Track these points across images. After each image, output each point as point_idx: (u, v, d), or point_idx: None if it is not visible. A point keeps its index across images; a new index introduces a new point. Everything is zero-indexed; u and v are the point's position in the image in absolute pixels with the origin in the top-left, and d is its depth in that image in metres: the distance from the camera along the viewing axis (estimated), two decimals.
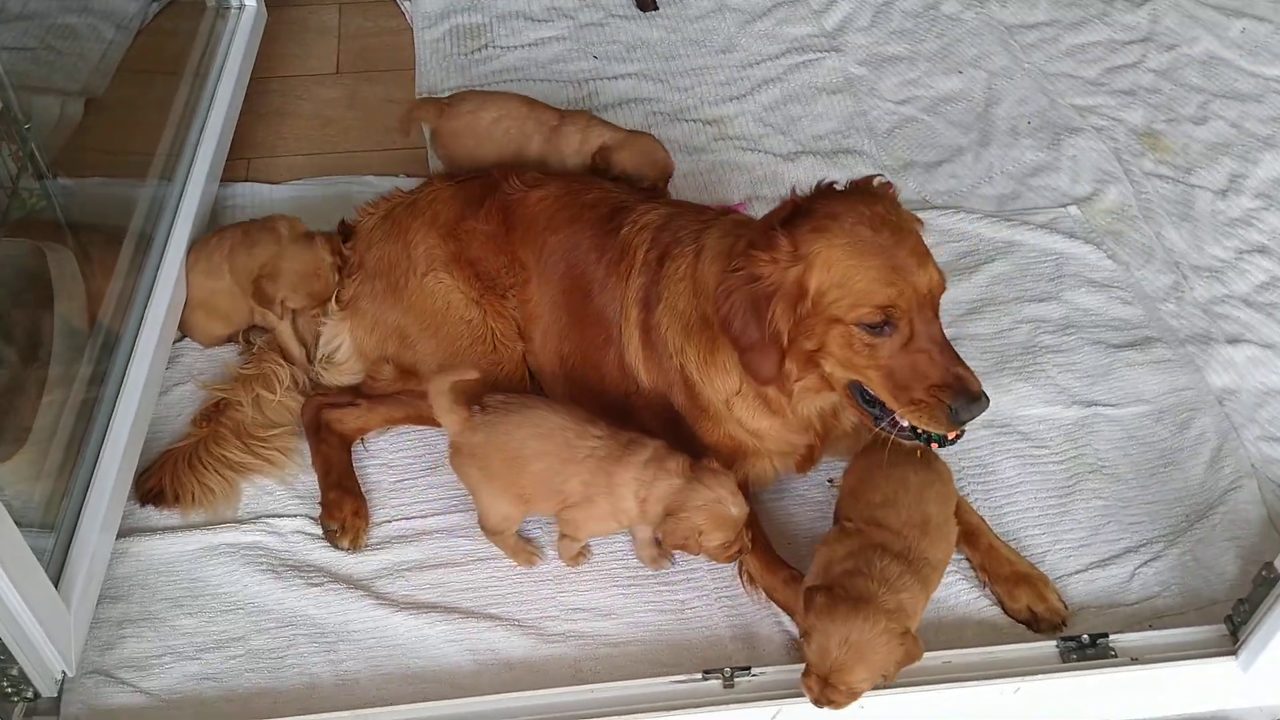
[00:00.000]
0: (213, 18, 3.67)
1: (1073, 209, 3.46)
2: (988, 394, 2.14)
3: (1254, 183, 3.59)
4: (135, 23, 3.64)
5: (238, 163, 3.55)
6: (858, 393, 2.24)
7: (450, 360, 2.63)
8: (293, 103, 3.87)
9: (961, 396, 2.10)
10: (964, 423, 2.13)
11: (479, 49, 4.07)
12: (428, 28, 4.17)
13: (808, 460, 2.54)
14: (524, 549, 2.50)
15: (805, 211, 2.20)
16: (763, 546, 2.45)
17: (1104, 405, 2.88)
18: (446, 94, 3.76)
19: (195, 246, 2.90)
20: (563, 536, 2.45)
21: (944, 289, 2.18)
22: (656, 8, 4.31)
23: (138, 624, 2.38)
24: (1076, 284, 3.21)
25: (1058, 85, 3.97)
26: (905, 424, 2.19)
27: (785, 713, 2.10)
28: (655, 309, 2.47)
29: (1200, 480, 2.72)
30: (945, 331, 2.20)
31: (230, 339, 2.91)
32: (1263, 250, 3.36)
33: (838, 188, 2.29)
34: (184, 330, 2.89)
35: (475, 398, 2.45)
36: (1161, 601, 2.47)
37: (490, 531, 2.46)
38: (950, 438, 2.20)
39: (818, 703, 2.04)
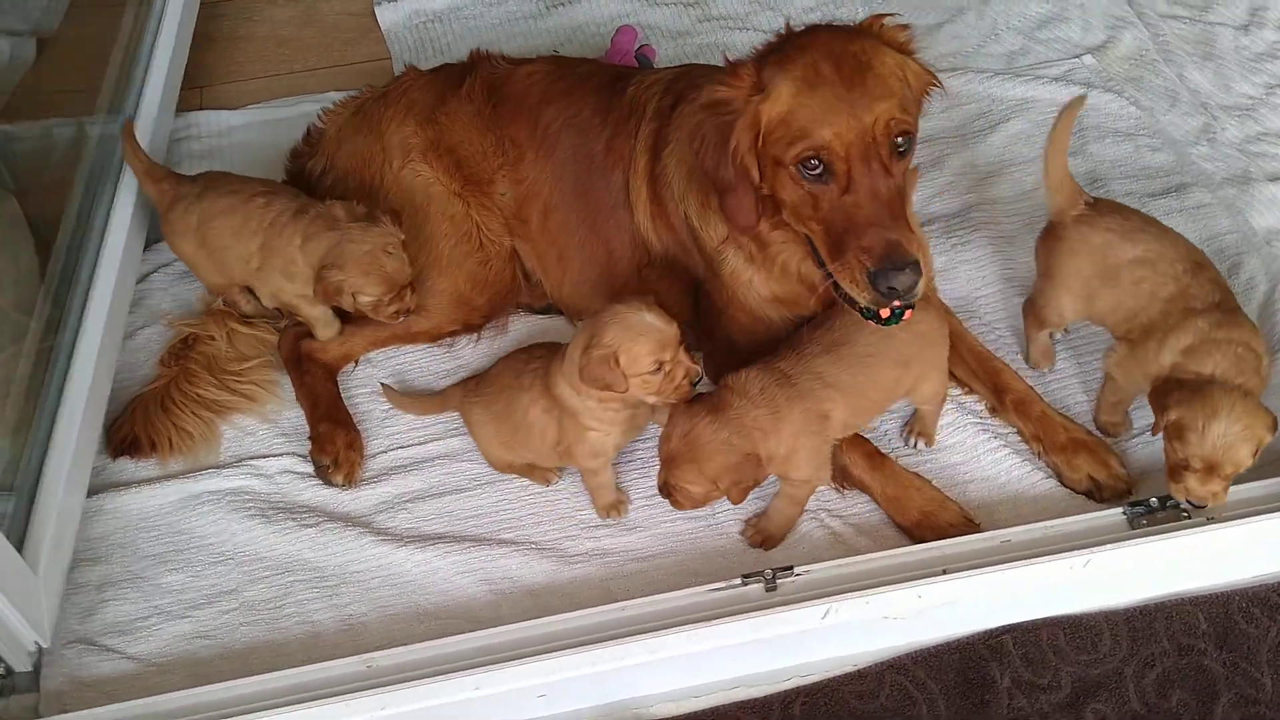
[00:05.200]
0: None
1: (1087, 59, 3.21)
2: (919, 264, 1.88)
3: (1277, 14, 3.33)
4: None
5: (190, 93, 3.29)
6: (815, 249, 2.04)
7: (436, 265, 2.41)
8: (244, 25, 3.60)
9: (883, 260, 1.86)
10: (885, 292, 1.88)
11: None
12: None
13: None
14: (535, 469, 2.31)
15: (785, 43, 2.01)
16: None
17: None
18: (410, 1, 3.51)
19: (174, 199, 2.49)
20: (586, 484, 2.27)
21: (901, 132, 1.93)
22: None
23: (120, 585, 2.19)
24: (1100, 135, 2.98)
25: None
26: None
27: (837, 609, 1.91)
28: (663, 153, 2.26)
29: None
30: (962, 197, 1.97)
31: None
32: None
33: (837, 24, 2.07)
34: None
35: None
36: None
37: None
38: (883, 315, 1.96)
39: (662, 490, 2.05)
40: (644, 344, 1.98)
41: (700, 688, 1.98)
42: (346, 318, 2.46)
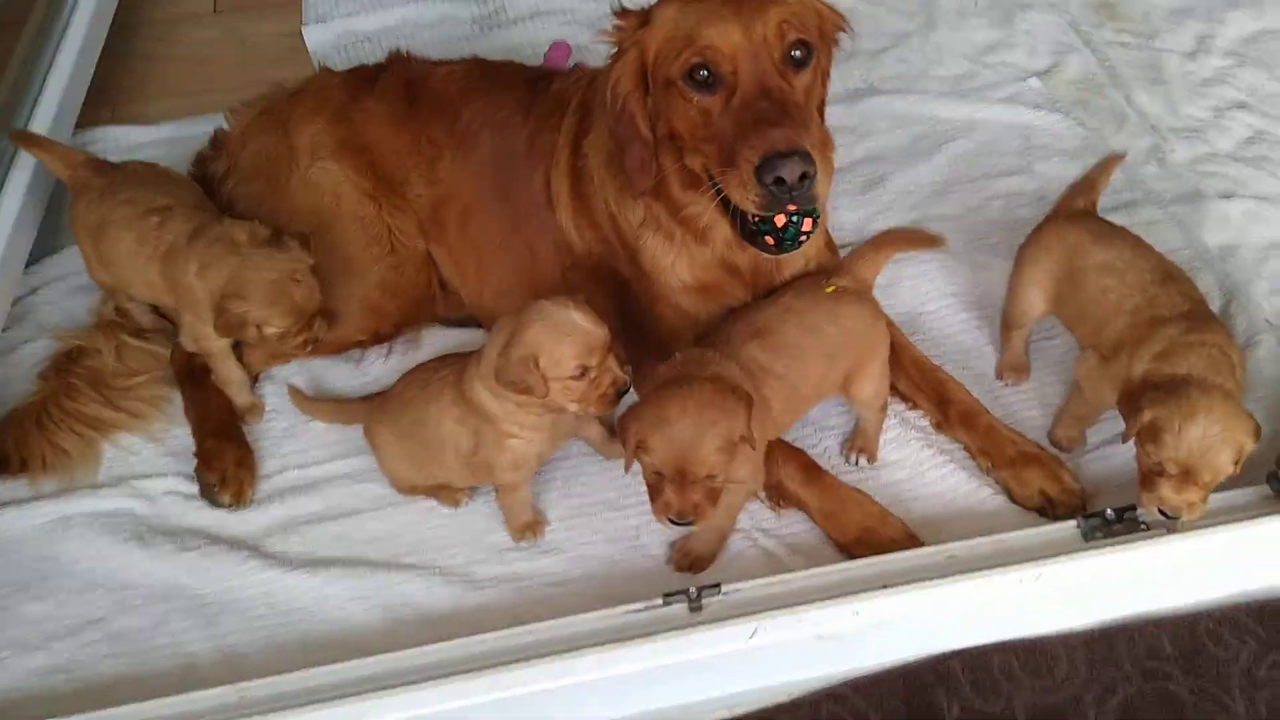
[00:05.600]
0: None
1: (1033, 81, 3.13)
2: (811, 156, 1.72)
3: (1223, 42, 3.28)
4: None
5: (101, 109, 3.15)
6: (721, 202, 1.89)
7: (344, 269, 2.24)
8: (164, 46, 3.47)
9: (768, 151, 1.70)
10: (773, 186, 1.72)
11: None
12: None
13: None
14: (444, 490, 2.12)
15: None
16: None
17: None
18: (339, 21, 3.40)
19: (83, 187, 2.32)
20: (501, 502, 2.07)
21: (796, 41, 1.82)
22: None
23: None
24: (1047, 155, 2.89)
25: None
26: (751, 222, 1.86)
27: (765, 628, 1.72)
28: (584, 143, 2.12)
29: None
30: (907, 214, 2.10)
31: None
32: (1243, 106, 3.04)
33: None
34: None
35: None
36: None
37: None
38: (779, 223, 1.83)
39: (682, 514, 1.74)
40: (568, 346, 1.81)
41: None
42: None
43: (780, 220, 1.82)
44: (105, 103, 3.20)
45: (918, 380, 2.22)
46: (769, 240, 1.85)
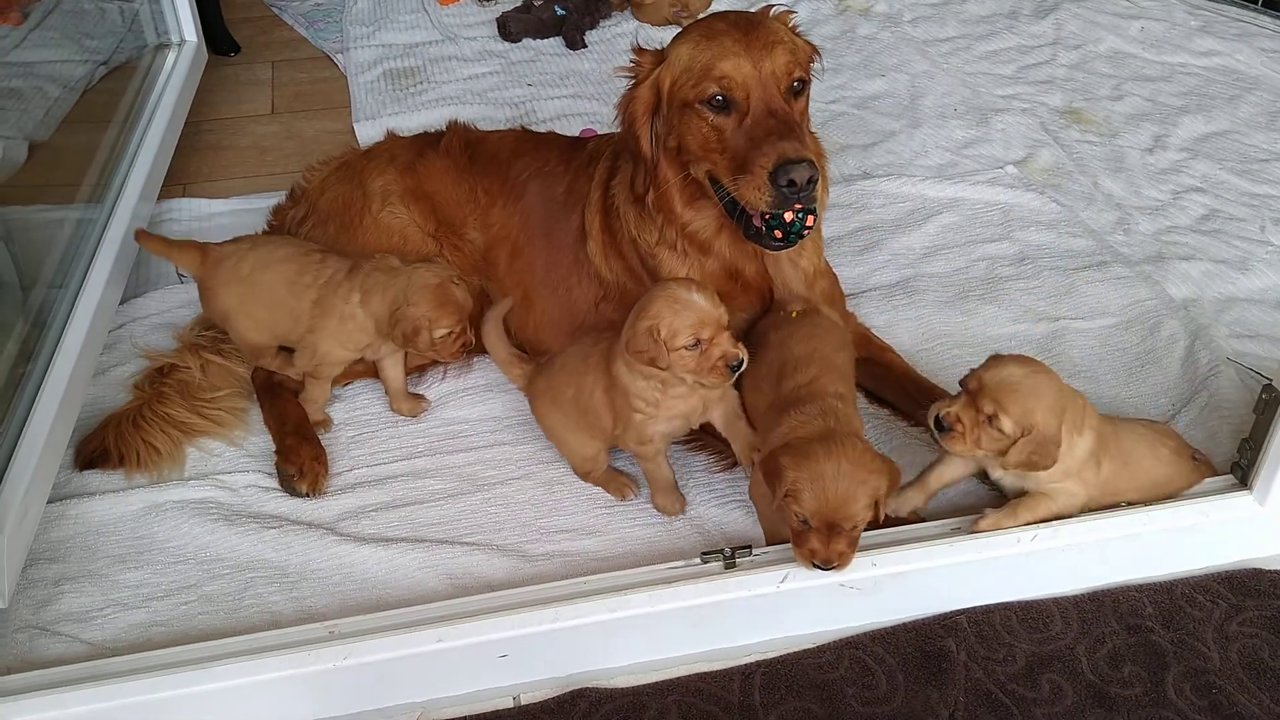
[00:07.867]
0: (152, 56, 3.68)
1: (1010, 168, 3.53)
2: (815, 164, 2.06)
3: (1177, 140, 3.71)
4: (81, 84, 3.61)
5: (174, 188, 3.49)
6: (726, 206, 2.21)
7: None
8: (229, 138, 3.85)
9: (780, 159, 2.03)
10: (785, 186, 2.03)
11: (414, 85, 4.12)
12: (361, 74, 4.23)
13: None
14: (616, 480, 2.36)
15: None
16: None
17: (1071, 319, 2.86)
18: (387, 119, 3.79)
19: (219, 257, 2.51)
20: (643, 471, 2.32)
21: (796, 77, 2.17)
22: (585, 45, 4.42)
23: (77, 581, 2.17)
24: (1025, 225, 3.25)
25: (978, 80, 4.12)
26: (756, 222, 2.16)
27: (794, 575, 1.95)
28: (612, 183, 2.43)
29: (1179, 373, 2.69)
30: (901, 271, 2.44)
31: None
32: (1198, 190, 3.44)
33: None
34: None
35: None
36: None
37: (580, 474, 2.39)
38: (787, 218, 2.11)
39: (828, 561, 1.91)
40: (684, 318, 2.00)
41: (660, 663, 1.98)
42: None
43: (789, 216, 2.12)
44: (179, 182, 3.54)
45: (916, 396, 2.50)
46: (778, 235, 2.15)
